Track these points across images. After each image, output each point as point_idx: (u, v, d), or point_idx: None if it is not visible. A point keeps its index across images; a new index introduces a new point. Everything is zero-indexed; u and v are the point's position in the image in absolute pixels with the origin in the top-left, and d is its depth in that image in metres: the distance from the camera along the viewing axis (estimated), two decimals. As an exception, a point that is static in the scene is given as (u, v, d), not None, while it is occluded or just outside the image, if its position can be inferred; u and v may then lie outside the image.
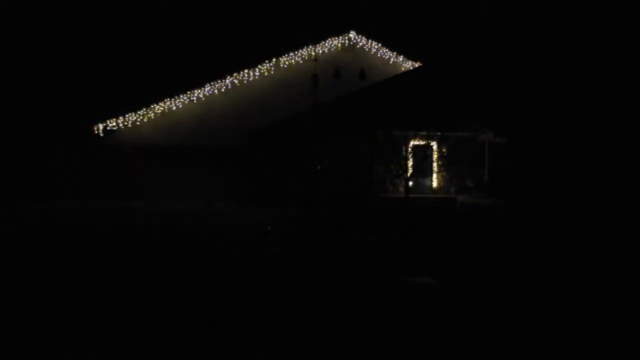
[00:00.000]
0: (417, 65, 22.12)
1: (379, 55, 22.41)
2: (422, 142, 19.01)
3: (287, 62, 21.46)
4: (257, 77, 21.16)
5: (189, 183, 20.26)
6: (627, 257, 10.14)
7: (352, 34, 22.20)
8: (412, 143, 18.39)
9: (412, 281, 7.85)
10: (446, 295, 7.24)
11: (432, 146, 19.46)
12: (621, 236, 12.30)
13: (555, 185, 18.91)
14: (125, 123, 19.96)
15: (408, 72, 21.27)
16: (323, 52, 21.69)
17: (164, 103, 20.28)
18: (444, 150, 19.11)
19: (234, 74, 20.93)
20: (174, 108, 20.46)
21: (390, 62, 22.49)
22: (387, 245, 11.13)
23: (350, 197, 17.78)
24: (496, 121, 19.72)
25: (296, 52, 21.52)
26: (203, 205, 18.45)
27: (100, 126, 19.64)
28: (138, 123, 20.13)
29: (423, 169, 18.93)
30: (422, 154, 18.34)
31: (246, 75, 21.03)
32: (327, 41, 21.86)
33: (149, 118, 20.19)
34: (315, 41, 21.69)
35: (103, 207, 17.58)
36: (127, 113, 19.96)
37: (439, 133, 18.99)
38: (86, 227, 13.17)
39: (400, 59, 22.65)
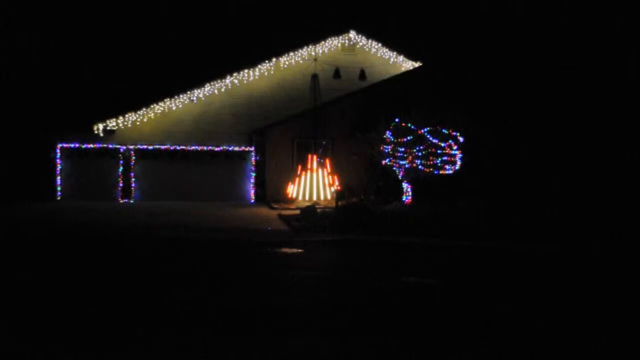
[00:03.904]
0: (417, 65, 22.05)
1: (379, 55, 22.37)
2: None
3: (287, 62, 21.43)
4: (257, 77, 21.13)
5: (188, 183, 20.23)
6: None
7: (352, 34, 22.17)
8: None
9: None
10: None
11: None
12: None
13: (559, 183, 18.73)
14: (125, 123, 19.95)
15: (408, 72, 21.25)
16: (323, 52, 21.67)
17: (164, 103, 20.27)
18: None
19: (234, 74, 20.91)
20: (174, 108, 20.44)
21: (390, 62, 22.45)
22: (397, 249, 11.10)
23: (351, 196, 17.71)
24: (497, 121, 19.65)
25: (296, 52, 21.49)
26: (205, 205, 18.42)
27: (100, 126, 19.62)
28: (138, 123, 20.12)
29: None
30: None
31: (246, 75, 21.01)
32: (327, 41, 21.82)
33: (149, 118, 20.17)
34: (315, 41, 21.66)
35: (102, 207, 17.55)
36: (127, 113, 19.95)
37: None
38: (87, 228, 13.14)
39: (401, 59, 22.61)
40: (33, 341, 5.07)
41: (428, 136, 16.65)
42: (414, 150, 16.65)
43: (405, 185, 17.32)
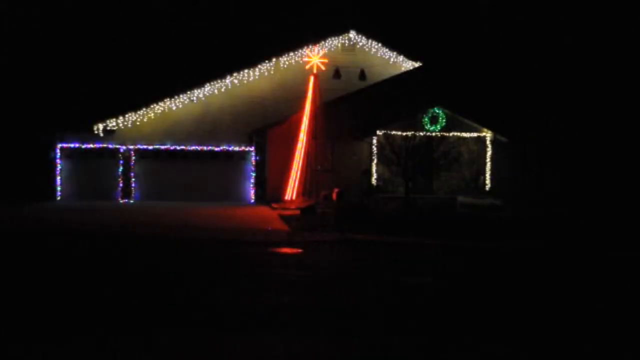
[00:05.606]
0: (417, 65, 22.03)
1: (379, 55, 22.34)
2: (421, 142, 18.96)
3: (287, 62, 21.43)
4: (257, 77, 21.12)
5: (188, 183, 20.22)
6: (629, 259, 10.13)
7: (352, 34, 22.15)
8: (411, 143, 18.32)
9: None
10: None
11: (431, 146, 19.38)
12: (624, 236, 12.27)
13: (556, 185, 18.90)
14: (125, 123, 19.96)
15: (408, 72, 21.26)
16: (323, 52, 21.65)
17: (164, 103, 20.27)
18: (443, 150, 18.97)
19: (234, 74, 20.90)
20: (174, 108, 20.44)
21: (390, 62, 22.42)
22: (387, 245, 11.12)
23: (351, 196, 17.75)
24: (497, 121, 19.70)
25: (296, 52, 21.48)
26: (205, 205, 18.43)
27: (100, 126, 19.62)
28: (138, 123, 20.12)
29: (423, 169, 18.86)
30: (422, 153, 18.24)
31: (246, 75, 21.00)
32: (327, 41, 21.79)
33: (149, 118, 20.17)
34: (315, 41, 21.64)
35: (102, 207, 17.56)
36: (127, 113, 19.95)
37: (439, 134, 18.96)
38: (89, 227, 13.15)
39: (401, 59, 22.57)
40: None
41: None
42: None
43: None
